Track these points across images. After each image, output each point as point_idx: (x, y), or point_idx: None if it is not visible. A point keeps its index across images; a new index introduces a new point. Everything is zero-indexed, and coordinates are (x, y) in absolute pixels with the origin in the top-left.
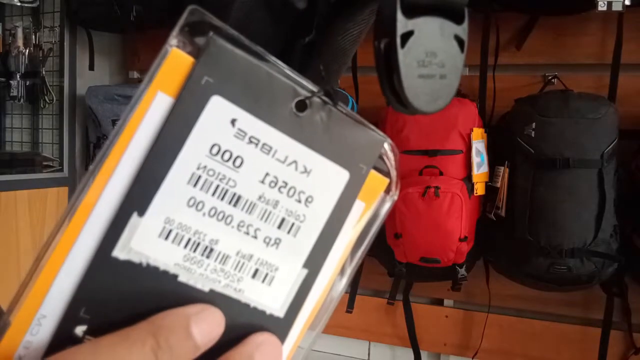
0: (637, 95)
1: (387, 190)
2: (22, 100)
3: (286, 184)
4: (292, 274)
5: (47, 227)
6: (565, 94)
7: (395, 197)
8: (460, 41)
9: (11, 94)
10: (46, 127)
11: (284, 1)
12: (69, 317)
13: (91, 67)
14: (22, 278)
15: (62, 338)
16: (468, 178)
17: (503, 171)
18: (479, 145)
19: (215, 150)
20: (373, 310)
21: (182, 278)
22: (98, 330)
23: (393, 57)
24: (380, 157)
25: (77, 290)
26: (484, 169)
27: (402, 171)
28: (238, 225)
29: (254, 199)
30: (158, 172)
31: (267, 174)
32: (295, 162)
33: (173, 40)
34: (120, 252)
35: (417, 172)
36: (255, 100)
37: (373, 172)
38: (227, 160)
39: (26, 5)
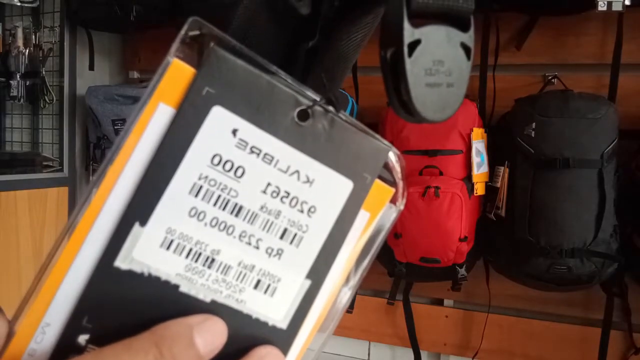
0: (637, 95)
1: (394, 201)
2: (22, 100)
3: (288, 194)
4: (294, 285)
5: (47, 227)
6: (565, 94)
7: (402, 207)
8: (466, 49)
9: (11, 94)
10: (46, 127)
11: (287, 6)
12: (72, 326)
13: (91, 67)
14: (22, 278)
15: (65, 346)
16: (468, 178)
17: (503, 171)
18: (479, 145)
19: (216, 160)
20: (373, 310)
21: (184, 288)
22: (100, 339)
23: (400, 66)
24: (386, 166)
25: (80, 299)
26: (484, 169)
27: None
28: (240, 236)
29: (255, 209)
30: (160, 183)
31: (268, 184)
32: (297, 172)
33: (174, 51)
34: (122, 262)
35: (417, 172)
36: (256, 110)
37: (378, 182)
38: (229, 171)
39: (26, 5)
